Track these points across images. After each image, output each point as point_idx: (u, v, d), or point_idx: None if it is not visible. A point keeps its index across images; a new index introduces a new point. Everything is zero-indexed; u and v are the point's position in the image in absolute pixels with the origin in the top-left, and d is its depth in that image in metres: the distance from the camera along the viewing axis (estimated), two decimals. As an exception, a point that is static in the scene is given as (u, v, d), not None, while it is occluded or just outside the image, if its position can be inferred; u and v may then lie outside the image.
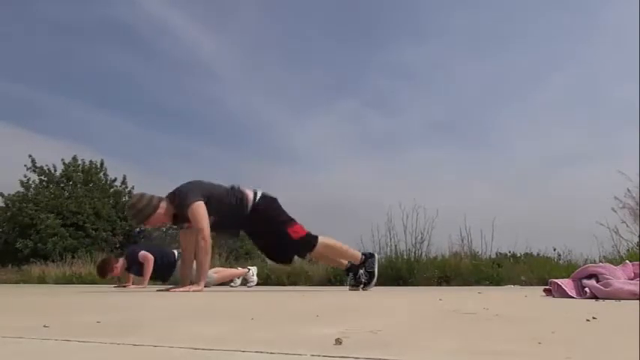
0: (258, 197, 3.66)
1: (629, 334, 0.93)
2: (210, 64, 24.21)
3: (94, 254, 10.45)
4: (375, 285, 3.77)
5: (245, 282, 5.31)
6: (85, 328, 1.06)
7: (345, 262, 3.79)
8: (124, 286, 5.52)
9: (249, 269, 5.40)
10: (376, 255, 3.82)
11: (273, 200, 3.71)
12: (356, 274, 3.70)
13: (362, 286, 3.67)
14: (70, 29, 21.21)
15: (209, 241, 3.47)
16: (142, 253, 5.48)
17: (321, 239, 3.62)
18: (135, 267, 5.58)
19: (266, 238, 3.80)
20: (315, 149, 23.35)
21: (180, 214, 3.59)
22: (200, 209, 3.48)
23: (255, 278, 5.35)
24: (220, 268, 5.39)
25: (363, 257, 3.74)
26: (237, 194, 3.63)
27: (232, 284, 5.26)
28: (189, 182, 3.66)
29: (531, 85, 21.83)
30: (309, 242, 3.60)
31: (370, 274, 3.66)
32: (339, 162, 22.13)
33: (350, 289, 3.76)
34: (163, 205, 3.57)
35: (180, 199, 3.54)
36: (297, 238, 3.56)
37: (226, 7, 21.68)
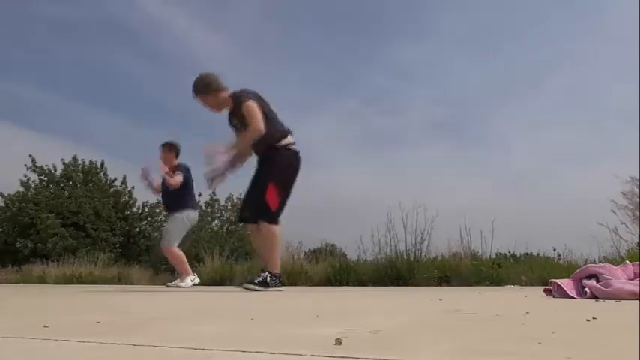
0: (290, 144, 3.77)
1: (629, 334, 0.93)
2: (210, 64, 24.22)
3: (95, 254, 10.45)
4: (358, 286, 3.71)
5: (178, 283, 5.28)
6: (85, 328, 1.06)
7: (266, 263, 3.72)
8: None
9: (194, 275, 5.40)
10: (281, 288, 3.74)
11: (294, 155, 3.78)
12: (261, 274, 3.63)
13: (249, 284, 3.57)
14: (70, 29, 21.19)
15: (259, 134, 3.56)
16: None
17: (278, 228, 3.66)
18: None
19: (254, 183, 3.81)
20: (315, 149, 23.31)
21: (235, 112, 3.73)
22: (255, 108, 3.61)
23: (189, 282, 5.27)
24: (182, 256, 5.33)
25: (278, 274, 3.69)
26: (282, 127, 3.79)
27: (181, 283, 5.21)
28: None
29: (531, 84, 21.83)
30: (270, 215, 3.61)
31: (264, 284, 3.54)
32: (339, 162, 22.12)
33: (242, 285, 3.70)
34: (227, 93, 3.76)
35: (237, 96, 3.71)
36: (266, 200, 3.58)
37: (226, 6, 21.69)
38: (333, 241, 8.40)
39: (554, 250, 6.27)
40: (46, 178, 15.83)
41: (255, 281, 3.56)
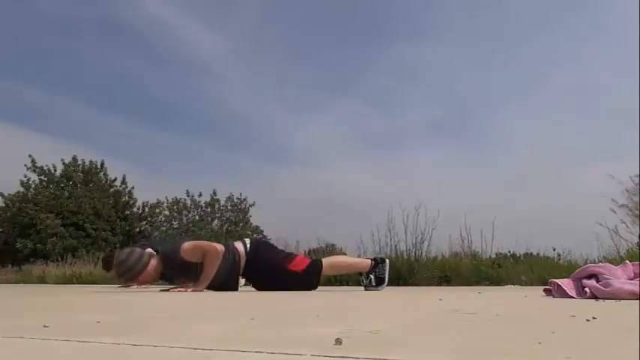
0: (248, 248, 3.57)
1: (629, 334, 0.93)
2: (211, 63, 24.20)
3: (95, 254, 10.45)
4: (358, 286, 3.74)
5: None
6: (85, 328, 1.06)
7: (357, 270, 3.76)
8: (128, 286, 5.40)
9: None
10: (387, 261, 3.71)
11: (264, 243, 3.71)
12: (367, 279, 3.67)
13: (373, 286, 3.63)
14: (70, 28, 21.22)
15: (220, 250, 3.35)
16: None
17: (325, 261, 3.62)
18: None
19: (274, 282, 3.55)
20: (316, 149, 23.37)
21: (171, 267, 3.46)
22: (194, 243, 3.42)
23: None
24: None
25: (373, 263, 3.67)
26: (231, 251, 3.49)
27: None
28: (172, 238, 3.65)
29: (532, 84, 21.83)
30: (314, 270, 3.56)
31: (380, 280, 3.61)
32: (339, 161, 22.15)
33: (365, 289, 3.72)
34: (154, 262, 3.44)
35: (169, 252, 3.46)
36: (301, 272, 3.52)
37: (227, 5, 21.68)
38: (333, 241, 8.41)
39: (554, 250, 6.29)
40: (45, 178, 15.84)
41: (373, 284, 3.58)
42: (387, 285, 3.66)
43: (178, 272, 3.51)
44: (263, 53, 22.88)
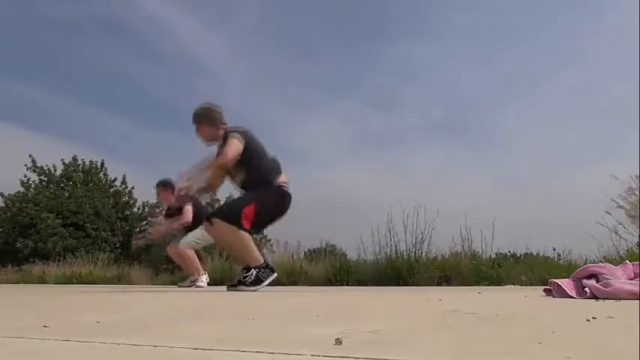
0: (283, 183, 3.76)
1: (629, 334, 0.93)
2: (211, 63, 24.21)
3: (95, 254, 10.45)
4: (358, 286, 3.68)
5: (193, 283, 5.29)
6: (85, 328, 1.06)
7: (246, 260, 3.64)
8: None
9: (205, 272, 5.41)
10: (275, 274, 3.64)
11: (286, 194, 3.76)
12: (247, 272, 3.54)
13: (241, 285, 3.50)
14: (70, 28, 21.22)
15: (228, 163, 3.59)
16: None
17: (243, 234, 3.53)
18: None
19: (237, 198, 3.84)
20: (316, 148, 23.36)
21: (222, 146, 3.72)
22: (236, 144, 3.60)
23: (204, 281, 5.30)
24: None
25: (264, 264, 3.57)
26: (275, 165, 3.80)
27: (198, 283, 5.23)
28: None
29: (532, 85, 21.84)
30: (235, 219, 3.51)
31: (257, 280, 3.49)
32: (339, 161, 22.13)
33: (228, 288, 3.64)
34: (222, 131, 3.77)
35: (227, 132, 3.72)
36: (242, 211, 3.52)
37: (227, 5, 21.68)
38: (333, 241, 8.40)
39: (554, 250, 6.28)
40: (46, 178, 15.83)
41: (248, 282, 3.49)
42: (387, 285, 3.65)
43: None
44: (263, 53, 22.89)
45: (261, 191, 3.69)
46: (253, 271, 3.53)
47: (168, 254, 5.60)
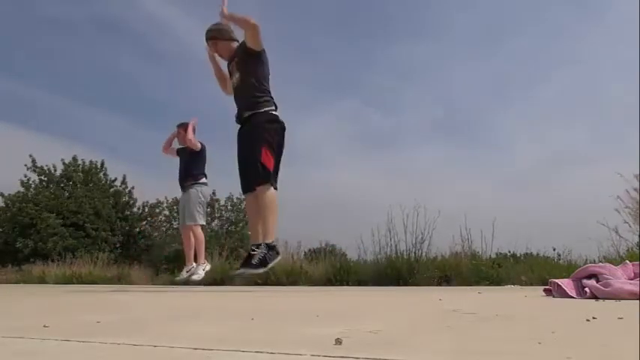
0: (277, 116, 3.83)
1: (629, 334, 0.93)
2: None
3: (95, 254, 10.45)
4: (358, 286, 3.69)
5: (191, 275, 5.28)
6: (85, 328, 1.06)
7: (260, 233, 3.64)
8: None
9: (205, 262, 5.42)
10: (279, 256, 3.67)
11: (281, 126, 3.83)
12: (257, 247, 3.54)
13: (249, 268, 3.51)
14: (70, 28, 21.19)
15: (258, 28, 3.75)
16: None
17: (275, 192, 3.62)
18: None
19: (245, 148, 3.83)
20: (315, 148, 23.31)
21: (237, 54, 3.94)
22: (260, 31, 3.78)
23: (201, 274, 5.30)
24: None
25: (273, 244, 3.60)
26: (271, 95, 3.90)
27: (193, 277, 5.23)
28: None
29: (532, 84, 21.83)
30: (268, 175, 3.59)
31: (263, 263, 3.48)
32: (339, 161, 22.11)
33: (242, 273, 3.63)
34: (236, 44, 4.00)
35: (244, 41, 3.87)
36: (263, 163, 3.58)
37: (226, 4, 21.62)
38: (333, 241, 8.41)
39: (554, 250, 6.28)
40: (46, 178, 15.82)
41: (254, 262, 3.48)
42: (387, 285, 3.65)
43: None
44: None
45: (262, 128, 3.73)
46: (263, 250, 3.52)
47: (168, 252, 5.61)
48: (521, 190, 16.06)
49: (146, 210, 16.22)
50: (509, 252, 6.99)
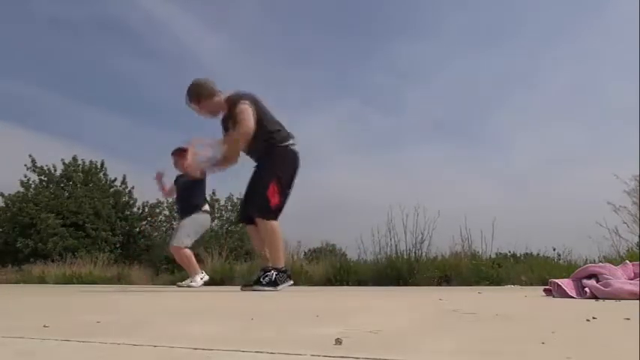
0: (290, 144, 3.74)
1: (629, 334, 0.93)
2: (210, 63, 24.18)
3: (95, 254, 10.45)
4: (358, 286, 3.70)
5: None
6: (85, 328, 1.06)
7: (269, 259, 3.64)
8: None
9: (202, 272, 5.42)
10: (291, 281, 3.67)
11: (292, 155, 3.75)
12: (263, 273, 3.55)
13: (257, 285, 3.50)
14: (70, 28, 21.19)
15: (246, 137, 3.55)
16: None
17: (276, 223, 3.60)
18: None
19: (254, 180, 3.81)
20: (315, 149, 23.29)
21: (230, 114, 3.70)
22: (247, 110, 3.58)
23: (199, 281, 5.30)
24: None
25: (284, 269, 3.60)
26: (281, 128, 3.78)
27: (192, 283, 5.23)
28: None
29: (532, 84, 21.81)
30: (269, 211, 3.56)
31: (273, 284, 3.47)
32: (339, 161, 22.09)
33: (242, 289, 3.63)
34: (221, 97, 3.74)
35: (232, 99, 3.69)
36: (267, 197, 3.54)
37: (226, 5, 21.69)
38: (333, 241, 8.41)
39: (554, 250, 6.28)
40: (45, 178, 15.83)
41: (263, 282, 3.49)
42: (387, 285, 3.65)
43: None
44: (263, 53, 22.88)
45: (274, 160, 3.69)
46: (273, 273, 3.53)
47: (168, 254, 5.61)
48: (521, 190, 16.07)
49: (146, 210, 16.22)
50: (509, 252, 7.00)
